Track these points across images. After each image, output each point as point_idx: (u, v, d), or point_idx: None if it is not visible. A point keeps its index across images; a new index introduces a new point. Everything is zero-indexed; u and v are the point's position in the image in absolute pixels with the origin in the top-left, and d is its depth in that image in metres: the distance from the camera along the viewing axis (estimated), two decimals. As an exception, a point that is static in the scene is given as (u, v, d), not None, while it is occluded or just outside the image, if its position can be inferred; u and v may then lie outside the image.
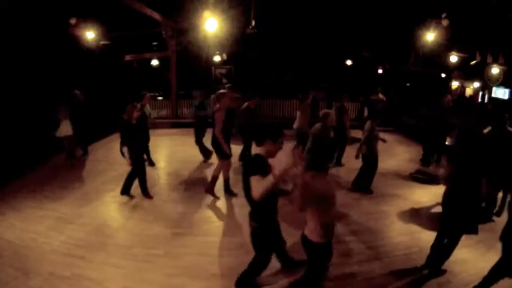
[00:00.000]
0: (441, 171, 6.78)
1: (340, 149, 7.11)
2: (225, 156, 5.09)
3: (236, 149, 6.33)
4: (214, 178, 5.28)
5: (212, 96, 6.66)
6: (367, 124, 5.52)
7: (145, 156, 6.25)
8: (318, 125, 5.37)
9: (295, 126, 6.94)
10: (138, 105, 5.21)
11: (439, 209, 5.12)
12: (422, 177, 6.58)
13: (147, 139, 6.52)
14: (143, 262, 3.66)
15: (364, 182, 5.66)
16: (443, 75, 12.35)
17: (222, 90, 5.25)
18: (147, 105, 6.85)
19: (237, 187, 5.24)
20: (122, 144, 4.96)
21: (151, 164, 6.81)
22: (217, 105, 5.02)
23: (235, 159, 6.01)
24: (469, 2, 8.18)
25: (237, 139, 6.60)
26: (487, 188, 3.69)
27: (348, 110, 7.63)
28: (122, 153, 5.01)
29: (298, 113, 7.07)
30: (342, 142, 7.00)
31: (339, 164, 7.08)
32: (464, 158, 3.49)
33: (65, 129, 6.66)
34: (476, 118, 6.12)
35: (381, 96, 9.90)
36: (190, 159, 7.29)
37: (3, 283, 3.26)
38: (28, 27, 7.67)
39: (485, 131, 5.79)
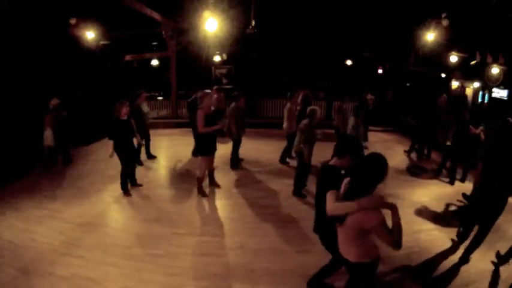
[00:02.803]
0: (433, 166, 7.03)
1: None
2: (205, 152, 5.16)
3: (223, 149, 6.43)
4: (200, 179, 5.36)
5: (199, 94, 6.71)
6: (352, 120, 5.46)
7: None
8: (305, 121, 5.03)
9: (284, 126, 6.60)
10: (127, 102, 5.31)
11: (439, 209, 5.17)
12: (414, 170, 7.02)
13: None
14: (143, 262, 3.66)
15: None
16: (443, 75, 12.33)
17: (206, 90, 5.41)
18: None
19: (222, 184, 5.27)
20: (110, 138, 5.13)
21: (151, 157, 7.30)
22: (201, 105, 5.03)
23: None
24: (469, 2, 8.16)
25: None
26: None
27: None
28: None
29: (285, 112, 6.58)
30: None
31: None
32: (500, 153, 3.71)
33: (48, 138, 6.52)
34: (471, 116, 6.13)
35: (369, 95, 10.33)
36: (190, 159, 7.29)
37: (3, 283, 3.26)
38: (28, 27, 7.66)
39: (478, 130, 5.80)
